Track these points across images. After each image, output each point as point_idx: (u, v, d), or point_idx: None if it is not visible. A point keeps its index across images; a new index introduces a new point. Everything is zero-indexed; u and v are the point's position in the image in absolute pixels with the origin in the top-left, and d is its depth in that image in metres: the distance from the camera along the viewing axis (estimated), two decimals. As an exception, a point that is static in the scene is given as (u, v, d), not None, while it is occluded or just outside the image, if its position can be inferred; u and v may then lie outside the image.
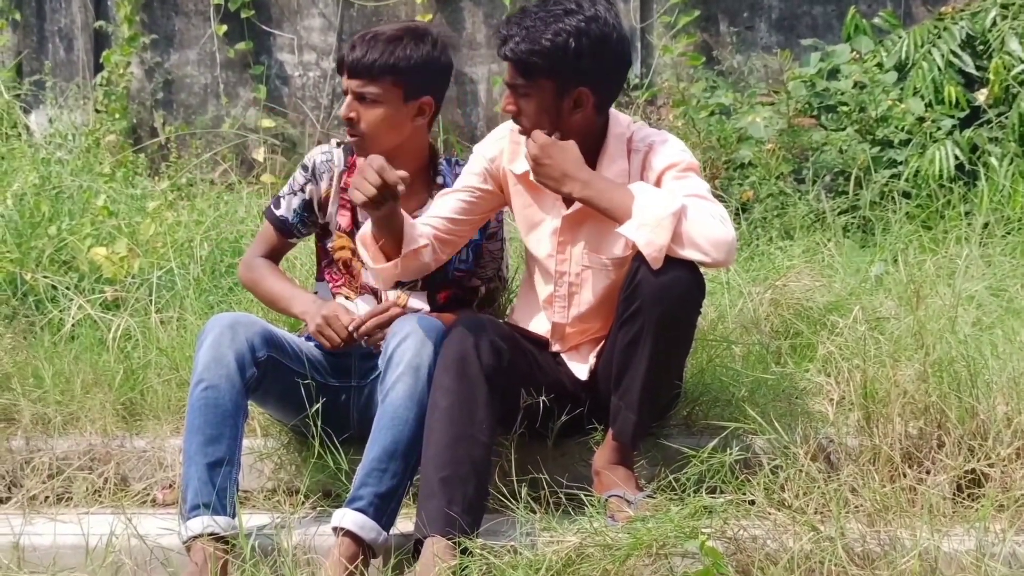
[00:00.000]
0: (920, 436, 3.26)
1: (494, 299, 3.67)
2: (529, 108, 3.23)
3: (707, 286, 3.23)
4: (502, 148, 3.39)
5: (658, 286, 3.09)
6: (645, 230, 3.06)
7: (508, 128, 3.39)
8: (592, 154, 3.29)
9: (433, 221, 3.36)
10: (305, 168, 3.57)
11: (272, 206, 3.61)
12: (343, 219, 3.54)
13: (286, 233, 3.61)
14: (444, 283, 3.54)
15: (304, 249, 4.40)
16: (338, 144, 3.58)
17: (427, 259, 3.32)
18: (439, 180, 3.52)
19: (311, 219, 3.59)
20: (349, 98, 3.42)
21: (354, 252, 3.50)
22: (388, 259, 3.25)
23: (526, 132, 3.26)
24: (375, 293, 3.53)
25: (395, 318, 3.31)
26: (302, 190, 3.57)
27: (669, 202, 3.09)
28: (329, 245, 3.57)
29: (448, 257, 3.42)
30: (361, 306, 3.52)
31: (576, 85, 3.20)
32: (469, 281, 3.58)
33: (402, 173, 3.08)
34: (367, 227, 3.25)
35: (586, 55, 3.17)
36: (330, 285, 3.59)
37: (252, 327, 3.29)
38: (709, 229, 3.08)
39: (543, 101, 3.21)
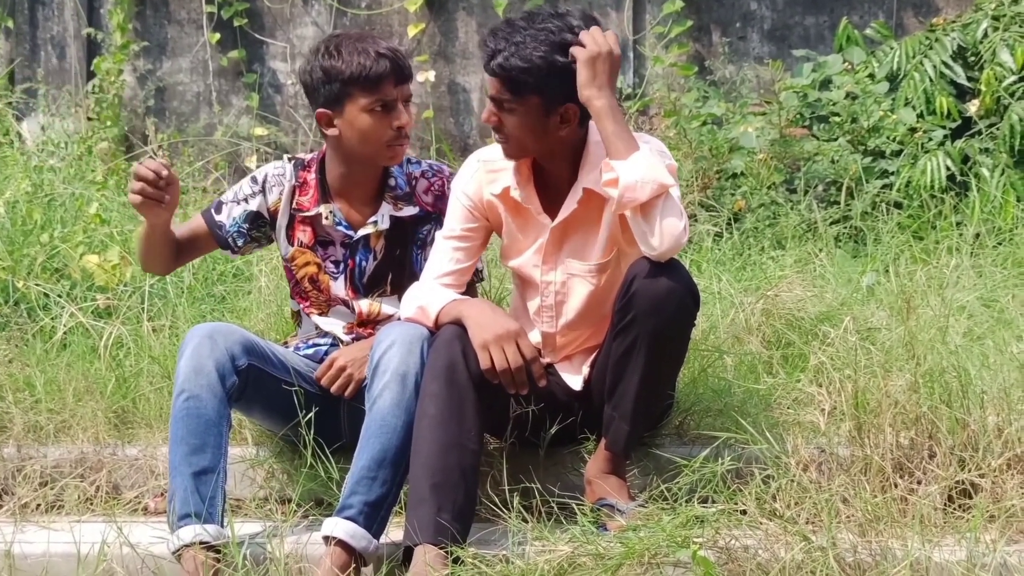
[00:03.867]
0: (911, 446, 3.27)
1: (472, 292, 3.65)
2: (512, 123, 3.22)
3: (701, 297, 3.24)
4: (479, 181, 3.39)
5: (653, 297, 3.10)
6: (633, 175, 3.08)
7: (477, 160, 3.40)
8: (573, 163, 3.30)
9: (443, 280, 3.36)
10: (255, 180, 3.56)
11: (212, 209, 3.59)
12: (304, 235, 3.54)
13: (217, 239, 3.59)
14: (410, 283, 3.54)
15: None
16: (290, 159, 3.58)
17: None
18: (391, 182, 3.52)
19: (251, 232, 3.57)
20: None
21: (319, 266, 3.51)
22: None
23: (505, 143, 3.26)
24: (346, 303, 3.53)
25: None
26: (246, 200, 3.56)
27: (664, 175, 3.10)
28: (291, 260, 3.57)
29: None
30: (334, 322, 3.53)
31: (563, 102, 3.19)
32: None
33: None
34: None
35: (574, 72, 3.16)
36: (301, 307, 3.59)
37: (231, 336, 3.29)
38: (672, 225, 3.09)
39: (529, 117, 3.21)
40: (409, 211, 3.51)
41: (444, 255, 3.39)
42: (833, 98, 5.94)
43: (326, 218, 3.50)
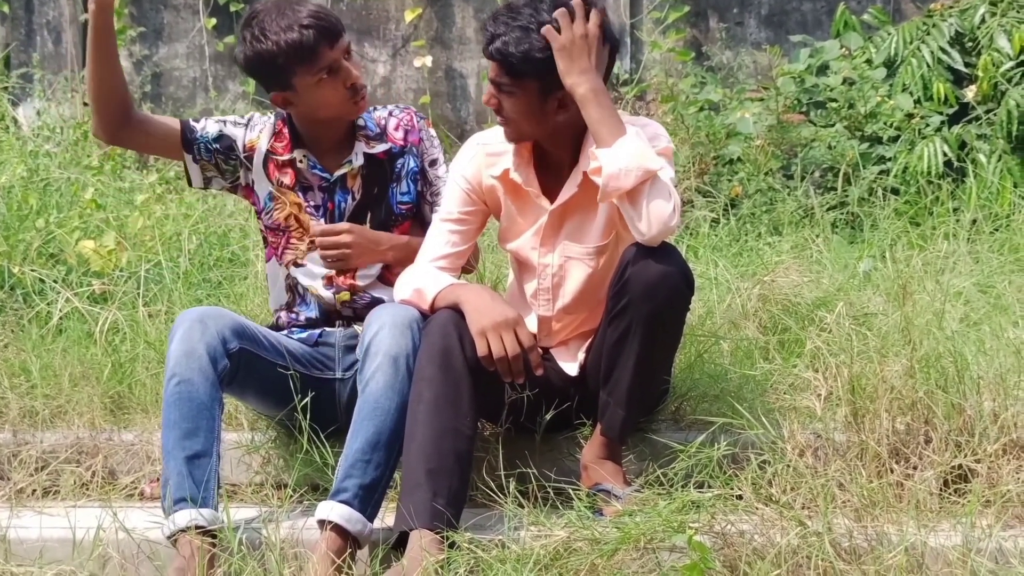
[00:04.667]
0: (907, 432, 3.27)
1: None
2: (512, 106, 3.22)
3: (696, 282, 3.23)
4: (478, 164, 3.39)
5: (647, 282, 3.09)
6: (616, 164, 3.07)
7: (476, 142, 3.40)
8: (575, 146, 3.29)
9: (439, 263, 3.36)
10: (242, 116, 3.60)
11: (192, 120, 3.59)
12: (285, 176, 3.54)
13: (184, 141, 3.54)
14: (393, 221, 3.56)
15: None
16: (271, 113, 3.62)
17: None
18: (360, 123, 3.54)
19: (218, 158, 3.55)
20: None
21: (300, 206, 3.52)
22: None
23: (505, 126, 3.26)
24: None
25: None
26: (228, 124, 3.56)
27: (651, 160, 3.09)
28: (270, 206, 3.56)
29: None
30: (312, 272, 3.54)
31: (561, 87, 3.19)
32: (420, 211, 3.58)
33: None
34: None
35: None
36: (278, 259, 3.58)
37: (222, 319, 3.29)
38: (660, 209, 3.08)
39: (527, 101, 3.20)
40: (381, 147, 3.54)
41: (440, 237, 3.39)
42: (830, 84, 5.94)
43: (300, 162, 3.51)
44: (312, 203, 3.54)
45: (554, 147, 3.30)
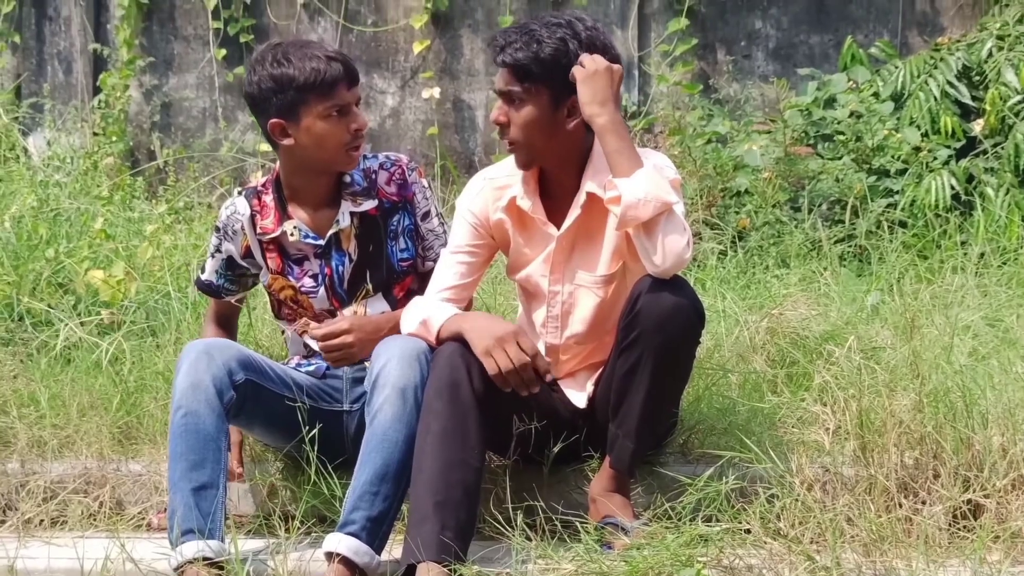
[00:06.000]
0: (916, 466, 3.26)
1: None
2: (520, 117, 3.24)
3: (706, 315, 3.24)
4: (485, 199, 3.40)
5: (659, 315, 3.10)
6: (635, 194, 3.09)
7: (483, 178, 3.42)
8: (579, 171, 3.31)
9: (444, 295, 3.37)
10: (217, 229, 3.57)
11: (200, 273, 3.64)
12: (272, 262, 3.53)
13: (216, 296, 3.63)
14: (394, 279, 3.54)
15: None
16: (239, 192, 3.58)
17: None
18: (346, 179, 3.50)
19: (239, 275, 3.59)
20: None
21: (295, 289, 3.51)
22: None
23: (513, 147, 3.28)
24: (332, 315, 3.52)
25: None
26: (219, 250, 3.57)
27: (667, 192, 3.12)
28: (268, 287, 3.57)
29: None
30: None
31: (571, 93, 3.22)
32: (422, 267, 3.57)
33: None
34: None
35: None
36: (289, 322, 3.59)
37: (228, 351, 3.29)
38: (674, 242, 3.10)
39: (538, 110, 3.23)
40: (368, 204, 3.49)
41: (448, 269, 3.40)
42: (838, 117, 5.95)
43: (292, 235, 3.48)
44: (309, 273, 3.51)
45: (560, 171, 3.32)
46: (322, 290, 3.51)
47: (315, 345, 3.44)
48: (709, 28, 6.67)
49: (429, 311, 3.30)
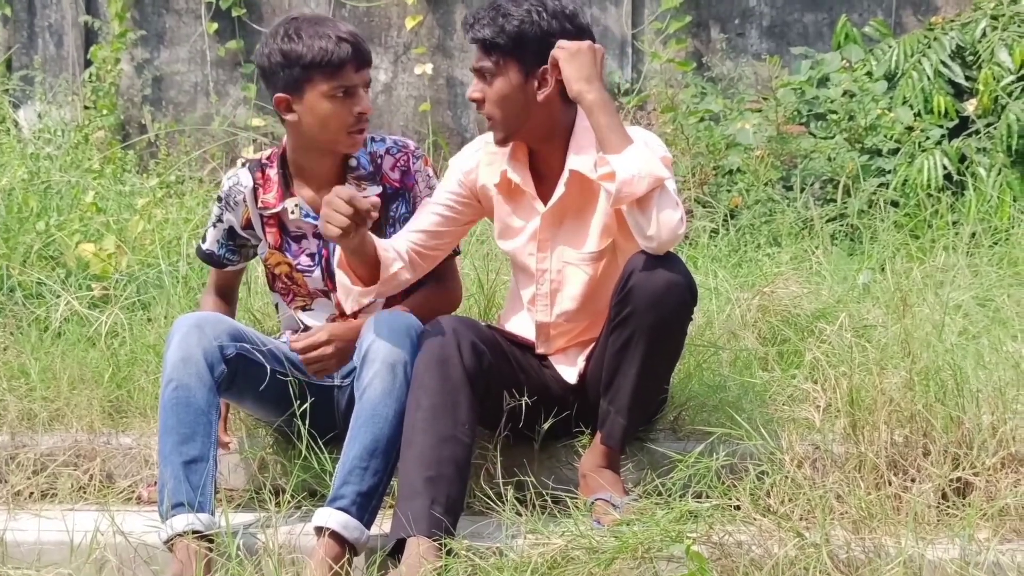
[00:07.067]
0: (906, 444, 3.27)
1: (450, 265, 3.60)
2: (493, 92, 3.25)
3: (699, 292, 3.24)
4: (478, 160, 3.40)
5: (651, 292, 3.10)
6: (629, 170, 3.09)
7: (483, 140, 3.42)
8: (562, 146, 3.31)
9: (412, 236, 3.36)
10: (219, 199, 3.55)
11: (200, 243, 3.63)
12: (271, 236, 3.53)
13: (218, 265, 3.61)
14: None
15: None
16: (243, 164, 3.56)
17: (404, 278, 3.32)
18: (352, 163, 3.49)
19: (239, 245, 3.58)
20: None
21: (291, 266, 3.51)
22: (364, 284, 3.26)
23: (490, 122, 3.29)
24: (326, 295, 3.52)
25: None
26: (220, 220, 3.55)
27: (659, 167, 3.12)
28: (265, 261, 3.57)
29: (427, 270, 3.42)
30: (317, 315, 3.53)
31: (540, 64, 3.23)
32: None
33: (373, 200, 3.08)
34: (340, 252, 3.24)
35: (554, 33, 3.21)
36: (283, 300, 3.58)
37: (219, 325, 3.29)
38: (668, 217, 3.10)
39: (509, 82, 3.24)
40: (373, 191, 3.46)
41: (423, 214, 3.41)
42: (831, 96, 5.94)
43: (292, 212, 3.47)
44: (307, 251, 3.50)
45: (544, 148, 3.33)
46: (318, 271, 3.50)
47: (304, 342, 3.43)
48: (703, 5, 6.65)
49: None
